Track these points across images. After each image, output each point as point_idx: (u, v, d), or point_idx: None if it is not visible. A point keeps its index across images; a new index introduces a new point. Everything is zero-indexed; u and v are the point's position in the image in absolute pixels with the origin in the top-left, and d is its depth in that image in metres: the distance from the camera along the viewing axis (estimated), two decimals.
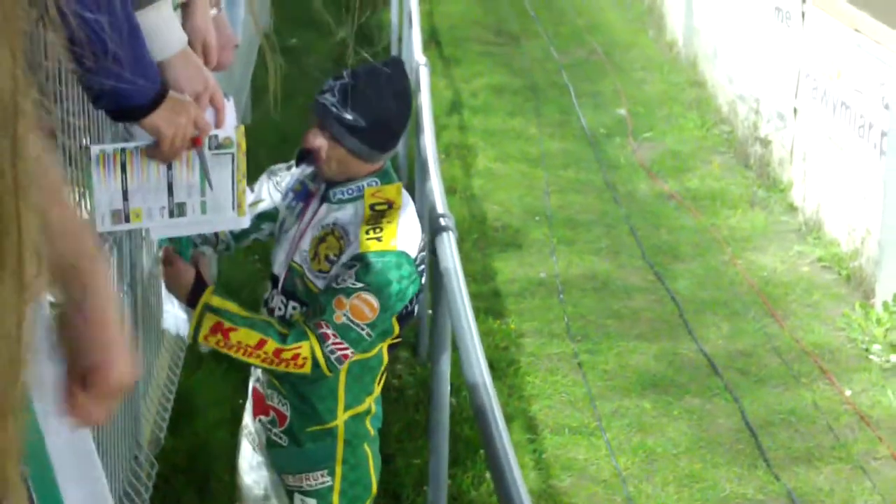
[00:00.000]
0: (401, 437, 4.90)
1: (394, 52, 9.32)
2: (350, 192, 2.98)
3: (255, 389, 3.17)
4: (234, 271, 6.09)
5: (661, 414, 5.40)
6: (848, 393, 5.62)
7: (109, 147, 2.35)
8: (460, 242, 4.95)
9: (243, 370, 5.28)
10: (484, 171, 8.33)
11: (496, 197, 7.87)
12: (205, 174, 2.40)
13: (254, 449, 3.23)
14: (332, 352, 2.85)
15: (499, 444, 2.76)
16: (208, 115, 2.42)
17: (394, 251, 2.89)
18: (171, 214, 2.42)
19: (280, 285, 3.06)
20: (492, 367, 4.04)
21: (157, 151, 2.30)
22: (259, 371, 3.13)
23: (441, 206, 4.28)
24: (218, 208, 2.45)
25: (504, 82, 10.25)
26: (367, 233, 2.92)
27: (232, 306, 2.87)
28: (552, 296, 6.51)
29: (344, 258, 2.92)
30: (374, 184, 2.99)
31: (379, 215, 2.95)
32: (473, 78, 10.26)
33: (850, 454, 5.14)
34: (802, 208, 7.65)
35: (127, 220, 2.38)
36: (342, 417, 3.08)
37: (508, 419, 4.89)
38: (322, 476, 3.10)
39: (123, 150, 2.34)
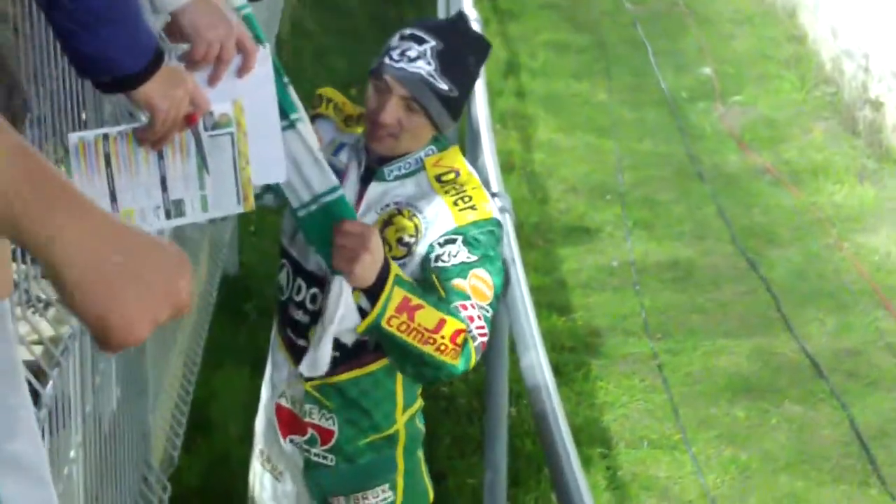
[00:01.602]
0: (451, 454, 4.90)
1: (440, 4, 9.31)
2: (408, 165, 2.96)
3: (280, 408, 3.13)
4: (257, 264, 6.12)
5: (755, 424, 5.37)
6: None
7: (89, 134, 2.31)
8: (519, 227, 4.93)
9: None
10: (545, 144, 8.30)
11: (560, 173, 7.84)
12: (201, 158, 2.37)
13: (275, 478, 3.21)
14: (473, 337, 2.82)
15: (564, 461, 2.75)
16: (236, 62, 2.40)
17: (491, 219, 2.91)
18: (168, 216, 2.38)
19: (327, 281, 2.96)
20: (556, 370, 4.03)
21: (147, 132, 2.28)
22: (284, 386, 3.10)
23: (496, 184, 4.27)
24: (220, 203, 2.41)
25: (568, 39, 10.21)
26: (455, 204, 2.91)
27: (411, 279, 2.82)
28: (626, 287, 6.48)
29: (432, 236, 2.89)
30: (431, 152, 2.98)
31: (451, 184, 2.94)
32: (533, 35, 10.23)
33: None
34: None
35: None
36: (401, 421, 3.08)
37: (577, 431, 4.88)
38: (383, 492, 3.10)
39: (106, 136, 2.30)
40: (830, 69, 9.19)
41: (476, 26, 6.29)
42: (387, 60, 2.89)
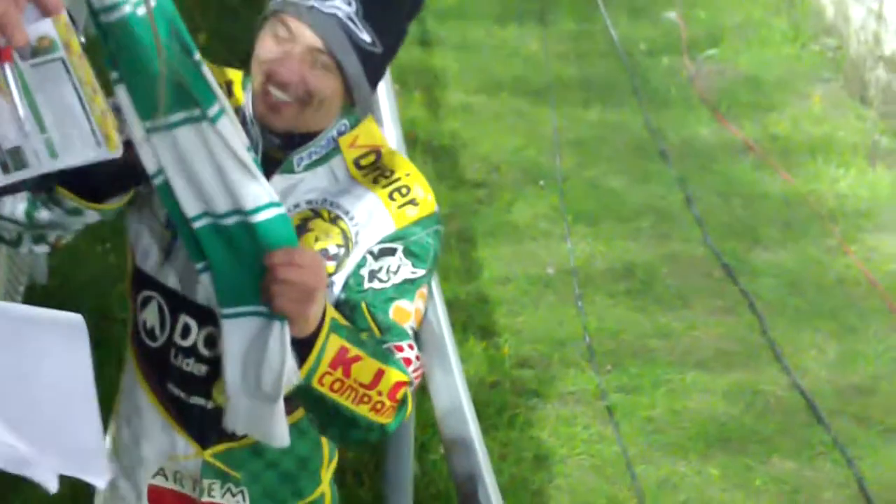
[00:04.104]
0: None
1: None
2: (319, 150, 2.93)
3: (158, 490, 3.08)
4: (74, 269, 6.07)
5: (735, 485, 5.43)
6: None
7: None
8: None
9: None
10: (459, 110, 8.32)
11: (479, 149, 7.87)
12: (28, 96, 2.38)
13: None
14: (410, 383, 2.84)
15: None
16: (28, 12, 2.39)
17: (434, 213, 2.94)
18: (6, 169, 2.39)
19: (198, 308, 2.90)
20: (475, 413, 4.05)
21: None
22: (162, 461, 3.07)
23: None
24: (73, 147, 2.41)
25: None
26: (391, 198, 2.91)
27: (344, 320, 2.80)
28: (566, 303, 6.52)
29: (365, 243, 2.88)
30: (344, 128, 2.95)
31: (373, 170, 2.94)
32: None
33: None
34: None
35: None
36: (326, 478, 3.10)
37: (504, 493, 4.91)
38: None
39: None
40: (833, 15, 9.31)
41: None
42: None
